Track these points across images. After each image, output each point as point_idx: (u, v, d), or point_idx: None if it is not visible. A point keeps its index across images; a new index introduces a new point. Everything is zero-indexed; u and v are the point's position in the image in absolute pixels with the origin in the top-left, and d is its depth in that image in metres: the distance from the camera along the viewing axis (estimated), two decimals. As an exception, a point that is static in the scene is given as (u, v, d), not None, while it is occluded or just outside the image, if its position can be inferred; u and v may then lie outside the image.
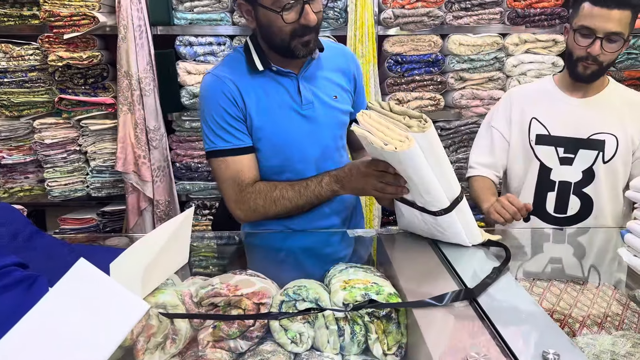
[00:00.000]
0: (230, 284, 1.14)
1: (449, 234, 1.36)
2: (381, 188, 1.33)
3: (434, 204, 1.30)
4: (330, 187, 1.44)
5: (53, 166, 2.76)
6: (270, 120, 1.49)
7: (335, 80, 1.59)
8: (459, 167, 2.87)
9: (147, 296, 1.11)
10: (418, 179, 1.25)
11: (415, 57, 2.72)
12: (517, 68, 2.77)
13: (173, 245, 1.18)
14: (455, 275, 1.21)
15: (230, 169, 1.48)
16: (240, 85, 1.48)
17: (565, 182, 1.83)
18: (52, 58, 2.58)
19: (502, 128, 1.92)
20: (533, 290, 1.40)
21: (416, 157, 1.20)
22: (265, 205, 1.47)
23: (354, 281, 1.16)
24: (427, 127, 1.19)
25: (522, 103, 1.89)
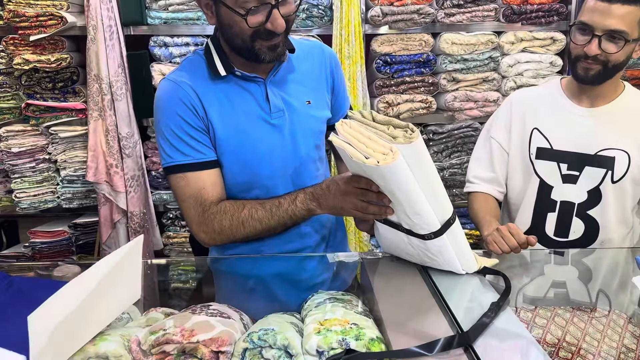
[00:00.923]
0: (185, 328, 0.99)
1: (440, 260, 1.21)
2: (363, 208, 1.17)
3: (422, 227, 1.14)
4: (305, 206, 1.28)
5: (21, 176, 2.59)
6: (235, 131, 1.33)
7: (309, 83, 1.43)
8: (453, 173, 2.72)
9: (87, 344, 0.95)
10: (404, 198, 1.10)
11: (405, 57, 2.57)
12: (513, 68, 2.63)
13: (119, 280, 1.02)
14: (448, 311, 1.06)
15: (190, 186, 1.31)
16: (201, 91, 1.31)
17: (568, 203, 1.64)
18: (18, 61, 2.41)
19: (502, 138, 1.73)
20: (535, 321, 1.26)
21: (401, 172, 1.05)
22: (232, 227, 1.30)
23: (330, 322, 1.00)
24: (414, 137, 1.03)
25: (523, 110, 1.70)
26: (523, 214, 1.71)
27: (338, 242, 1.53)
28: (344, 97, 1.55)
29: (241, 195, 1.37)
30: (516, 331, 1.03)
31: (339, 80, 1.52)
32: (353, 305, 1.12)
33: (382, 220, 1.23)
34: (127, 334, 1.02)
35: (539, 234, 1.66)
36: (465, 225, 2.78)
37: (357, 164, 1.08)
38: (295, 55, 1.40)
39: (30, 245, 2.69)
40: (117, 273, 1.01)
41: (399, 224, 1.19)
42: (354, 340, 0.93)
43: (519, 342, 0.99)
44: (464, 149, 2.73)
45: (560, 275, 1.47)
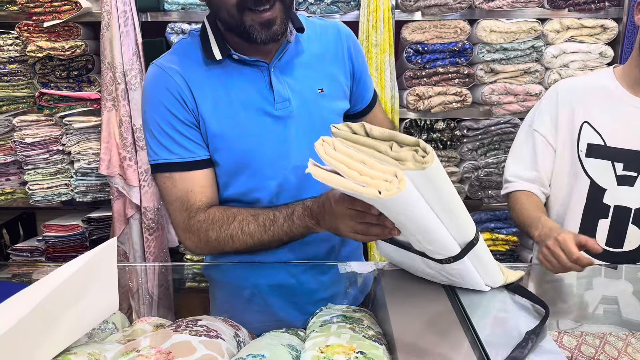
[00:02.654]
0: (162, 350, 0.84)
1: (460, 281, 1.04)
2: (362, 230, 0.99)
3: (439, 253, 0.98)
4: (303, 223, 1.10)
5: (34, 167, 2.51)
6: (231, 125, 1.16)
7: (322, 68, 1.25)
8: (488, 172, 2.51)
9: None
10: (415, 228, 0.93)
11: (438, 46, 2.38)
12: (558, 59, 2.41)
13: (90, 289, 0.88)
14: (475, 338, 0.89)
15: (177, 187, 1.16)
16: (191, 79, 1.15)
17: (623, 208, 1.43)
18: (32, 48, 2.33)
19: (547, 132, 1.52)
20: (581, 350, 1.08)
21: (411, 202, 0.86)
22: (219, 240, 1.14)
23: (333, 349, 0.84)
24: (429, 161, 0.82)
25: (571, 101, 1.50)
26: (570, 221, 1.50)
27: (354, 249, 1.34)
28: (367, 83, 1.37)
29: (239, 198, 1.21)
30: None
31: (360, 64, 1.33)
32: (364, 327, 0.95)
33: (387, 240, 1.05)
34: (98, 354, 0.88)
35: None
36: (501, 230, 2.57)
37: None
38: (307, 36, 1.23)
39: (44, 239, 2.61)
40: (87, 280, 0.87)
41: (409, 245, 1.02)
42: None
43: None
44: (502, 147, 2.52)
45: (612, 294, 1.27)
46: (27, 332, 0.76)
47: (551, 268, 1.21)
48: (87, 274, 0.86)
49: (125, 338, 1.03)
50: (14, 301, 0.82)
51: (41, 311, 0.77)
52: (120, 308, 1.15)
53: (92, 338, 1.03)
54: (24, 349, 0.77)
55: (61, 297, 0.82)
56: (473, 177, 2.52)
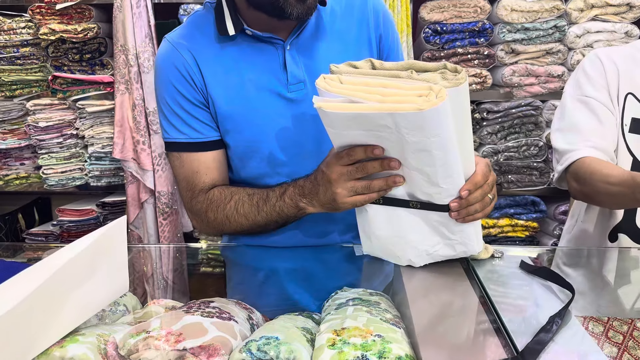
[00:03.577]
0: (172, 331, 0.81)
1: (457, 239, 0.97)
2: (363, 187, 0.91)
3: (450, 193, 0.90)
4: (294, 203, 1.03)
5: (48, 152, 2.51)
6: (242, 107, 1.11)
7: (344, 46, 1.16)
8: (508, 157, 2.45)
9: (53, 345, 0.79)
10: (441, 156, 0.84)
11: (457, 26, 2.31)
12: (581, 39, 2.33)
13: (98, 269, 0.86)
14: (499, 322, 0.85)
15: (184, 167, 1.13)
16: (201, 57, 1.10)
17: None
18: (44, 31, 2.31)
19: (604, 99, 1.34)
20: (608, 335, 1.02)
21: (446, 119, 0.79)
22: (217, 221, 1.11)
23: (349, 332, 0.81)
24: (462, 78, 0.80)
25: (617, 69, 1.34)
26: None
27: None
28: (398, 58, 1.24)
29: (252, 183, 1.17)
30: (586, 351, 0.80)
31: (389, 38, 1.21)
32: (381, 309, 0.91)
33: (381, 200, 0.95)
34: (107, 335, 0.85)
35: (630, 228, 1.35)
36: (521, 216, 2.51)
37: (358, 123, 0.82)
38: (330, 9, 1.15)
39: (59, 223, 2.61)
40: (95, 259, 0.85)
41: (412, 197, 0.93)
42: (376, 357, 0.73)
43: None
44: (522, 130, 2.45)
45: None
46: (32, 311, 0.73)
47: None
48: (95, 252, 0.84)
49: (137, 320, 1.01)
50: (18, 279, 0.80)
51: (47, 290, 0.74)
52: (135, 292, 1.13)
53: (102, 320, 1.00)
54: (29, 329, 0.74)
55: (68, 275, 0.79)
56: (493, 161, 2.47)
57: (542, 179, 2.48)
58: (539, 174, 2.47)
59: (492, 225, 2.51)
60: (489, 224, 2.50)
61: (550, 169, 2.47)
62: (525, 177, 2.47)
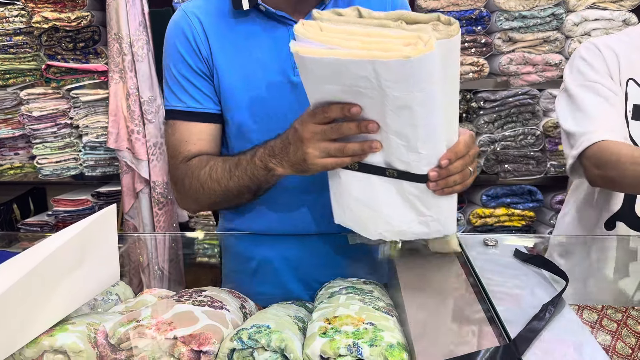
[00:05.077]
0: (163, 320, 0.80)
1: (431, 215, 0.90)
2: (337, 150, 0.85)
3: (429, 161, 0.83)
4: (263, 164, 0.97)
5: (42, 141, 2.49)
6: (244, 84, 1.09)
7: None
8: (505, 146, 2.44)
9: (43, 334, 0.78)
10: (425, 114, 0.77)
11: (454, 14, 2.29)
12: (579, 27, 2.32)
13: (88, 257, 0.85)
14: (491, 310, 0.84)
15: (174, 136, 1.10)
16: (210, 28, 1.08)
17: None
18: (37, 19, 2.29)
19: (608, 83, 1.28)
20: (602, 324, 1.03)
21: (434, 71, 0.73)
22: (192, 189, 1.07)
23: (341, 320, 0.80)
24: (455, 30, 0.74)
25: (617, 55, 1.30)
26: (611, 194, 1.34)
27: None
28: None
29: None
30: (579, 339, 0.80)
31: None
32: (374, 298, 0.91)
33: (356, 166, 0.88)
34: (97, 324, 0.85)
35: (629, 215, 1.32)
36: (517, 205, 2.51)
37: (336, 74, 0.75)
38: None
39: (54, 213, 2.61)
40: (85, 248, 0.84)
41: (388, 165, 0.86)
42: (367, 345, 0.73)
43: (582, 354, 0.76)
44: (519, 120, 2.44)
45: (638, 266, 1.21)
46: (19, 299, 0.72)
47: None
48: (84, 240, 0.83)
49: (129, 309, 1.00)
50: (6, 267, 0.79)
51: (35, 277, 0.74)
52: (130, 283, 1.12)
53: (94, 309, 1.00)
54: (17, 317, 0.73)
55: (57, 263, 0.78)
56: (489, 150, 2.46)
57: (539, 168, 2.47)
58: (536, 163, 2.47)
59: (488, 215, 2.50)
60: (486, 214, 2.50)
61: (547, 158, 2.46)
62: (522, 167, 2.47)
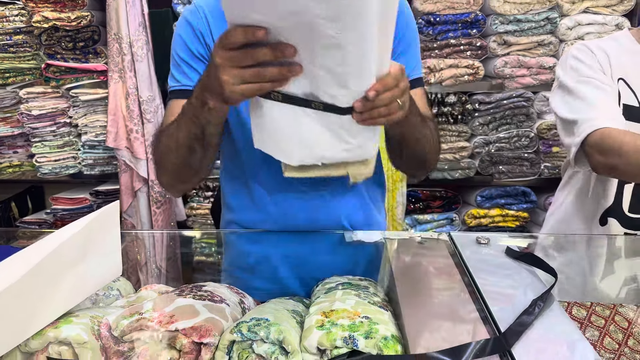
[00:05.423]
0: (165, 313, 0.83)
1: (354, 142, 0.87)
2: (253, 75, 0.78)
3: (356, 94, 0.80)
4: (199, 99, 0.90)
5: (41, 140, 2.51)
6: None
7: None
8: (500, 147, 2.47)
9: (48, 326, 0.81)
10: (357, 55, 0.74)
11: (450, 17, 2.32)
12: (572, 31, 2.35)
13: (91, 252, 0.87)
14: (483, 306, 0.87)
15: (167, 114, 1.13)
16: (214, 20, 1.11)
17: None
18: (37, 19, 2.31)
19: (604, 78, 1.31)
20: (591, 320, 1.06)
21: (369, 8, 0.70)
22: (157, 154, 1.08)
23: (337, 314, 0.83)
24: None
25: (605, 55, 1.34)
26: (608, 188, 1.38)
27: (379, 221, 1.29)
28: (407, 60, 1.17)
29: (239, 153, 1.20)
30: (566, 333, 0.83)
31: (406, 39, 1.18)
32: (369, 293, 0.93)
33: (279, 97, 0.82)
34: (100, 317, 0.87)
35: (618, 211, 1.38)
36: (511, 206, 2.54)
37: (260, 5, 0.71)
38: None
39: (52, 211, 2.62)
40: (89, 242, 0.86)
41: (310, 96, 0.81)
42: (363, 337, 0.75)
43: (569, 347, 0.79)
44: (514, 122, 2.47)
45: (625, 264, 1.24)
46: (25, 292, 0.74)
47: None
48: (87, 235, 0.85)
49: (130, 304, 1.03)
50: (11, 262, 0.81)
51: (40, 272, 0.76)
52: (129, 280, 1.14)
53: (96, 304, 1.02)
54: (24, 310, 0.76)
55: (61, 258, 0.80)
56: (484, 152, 2.48)
57: (533, 170, 2.50)
58: (530, 165, 2.50)
59: (483, 215, 2.53)
60: (480, 214, 2.53)
61: (540, 159, 2.49)
62: (516, 168, 2.50)
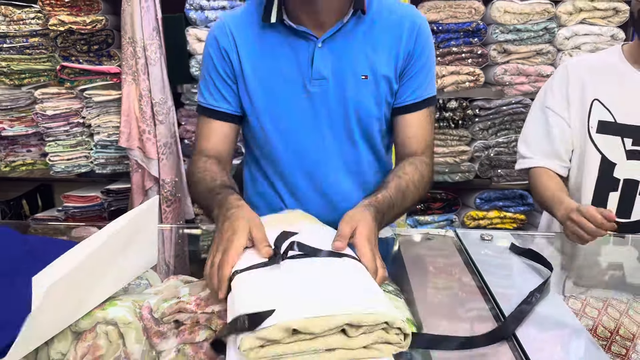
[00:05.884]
0: (200, 297, 0.91)
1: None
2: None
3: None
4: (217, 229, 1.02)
5: (55, 139, 2.58)
6: (263, 90, 1.21)
7: (373, 54, 1.20)
8: (499, 152, 2.57)
9: (95, 309, 0.89)
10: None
11: (453, 26, 2.41)
12: (570, 41, 2.44)
13: (133, 243, 0.95)
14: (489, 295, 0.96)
15: (197, 129, 1.29)
16: (240, 38, 1.21)
17: (632, 181, 1.50)
18: (54, 22, 2.38)
19: (560, 109, 1.55)
20: (585, 311, 1.14)
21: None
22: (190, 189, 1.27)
23: (356, 299, 0.91)
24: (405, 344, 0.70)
25: (582, 78, 1.53)
26: (583, 194, 1.55)
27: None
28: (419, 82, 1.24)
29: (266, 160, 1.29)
30: (565, 320, 0.92)
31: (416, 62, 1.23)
32: (384, 284, 1.02)
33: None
34: (141, 300, 0.95)
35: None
36: (509, 208, 2.63)
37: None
38: (370, 19, 1.20)
39: (64, 209, 2.69)
40: (130, 235, 0.94)
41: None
42: (382, 321, 0.84)
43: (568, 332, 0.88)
44: (513, 127, 2.56)
45: (618, 262, 1.33)
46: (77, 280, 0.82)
47: (580, 240, 1.25)
48: (131, 229, 0.93)
49: (158, 292, 1.11)
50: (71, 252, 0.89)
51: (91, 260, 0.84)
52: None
53: (128, 292, 1.10)
54: (78, 293, 0.83)
55: (109, 248, 0.88)
56: (483, 156, 2.57)
57: (530, 174, 2.59)
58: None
59: (482, 217, 2.62)
60: (479, 216, 2.62)
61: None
62: (514, 172, 2.57)
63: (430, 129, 1.27)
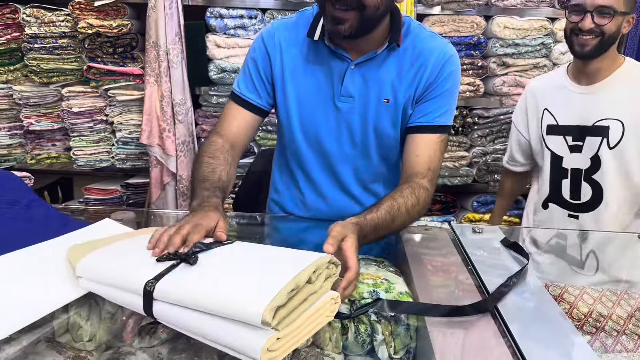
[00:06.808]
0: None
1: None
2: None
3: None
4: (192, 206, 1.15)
5: (79, 135, 2.74)
6: (295, 98, 1.36)
7: (398, 82, 1.31)
8: (496, 158, 2.72)
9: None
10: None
11: (455, 39, 2.56)
12: (564, 56, 2.59)
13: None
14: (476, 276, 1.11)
15: (224, 112, 1.40)
16: (287, 45, 1.34)
17: (577, 170, 1.85)
18: (82, 25, 2.54)
19: (521, 125, 2.00)
20: (563, 297, 1.28)
21: None
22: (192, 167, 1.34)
23: (362, 276, 1.06)
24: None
25: (536, 95, 1.94)
26: (544, 183, 1.94)
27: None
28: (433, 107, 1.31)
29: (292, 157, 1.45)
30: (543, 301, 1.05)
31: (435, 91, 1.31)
32: (385, 265, 1.17)
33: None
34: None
35: (558, 198, 1.92)
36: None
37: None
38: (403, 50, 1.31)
39: (85, 200, 2.84)
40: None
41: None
42: (384, 292, 0.99)
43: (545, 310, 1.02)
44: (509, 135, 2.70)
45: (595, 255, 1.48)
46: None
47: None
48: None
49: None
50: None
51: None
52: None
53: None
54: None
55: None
56: (481, 161, 2.72)
57: (525, 180, 2.74)
58: (522, 175, 2.73)
59: (478, 219, 2.77)
60: (476, 218, 2.76)
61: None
62: (510, 177, 2.72)
63: (437, 156, 1.31)
